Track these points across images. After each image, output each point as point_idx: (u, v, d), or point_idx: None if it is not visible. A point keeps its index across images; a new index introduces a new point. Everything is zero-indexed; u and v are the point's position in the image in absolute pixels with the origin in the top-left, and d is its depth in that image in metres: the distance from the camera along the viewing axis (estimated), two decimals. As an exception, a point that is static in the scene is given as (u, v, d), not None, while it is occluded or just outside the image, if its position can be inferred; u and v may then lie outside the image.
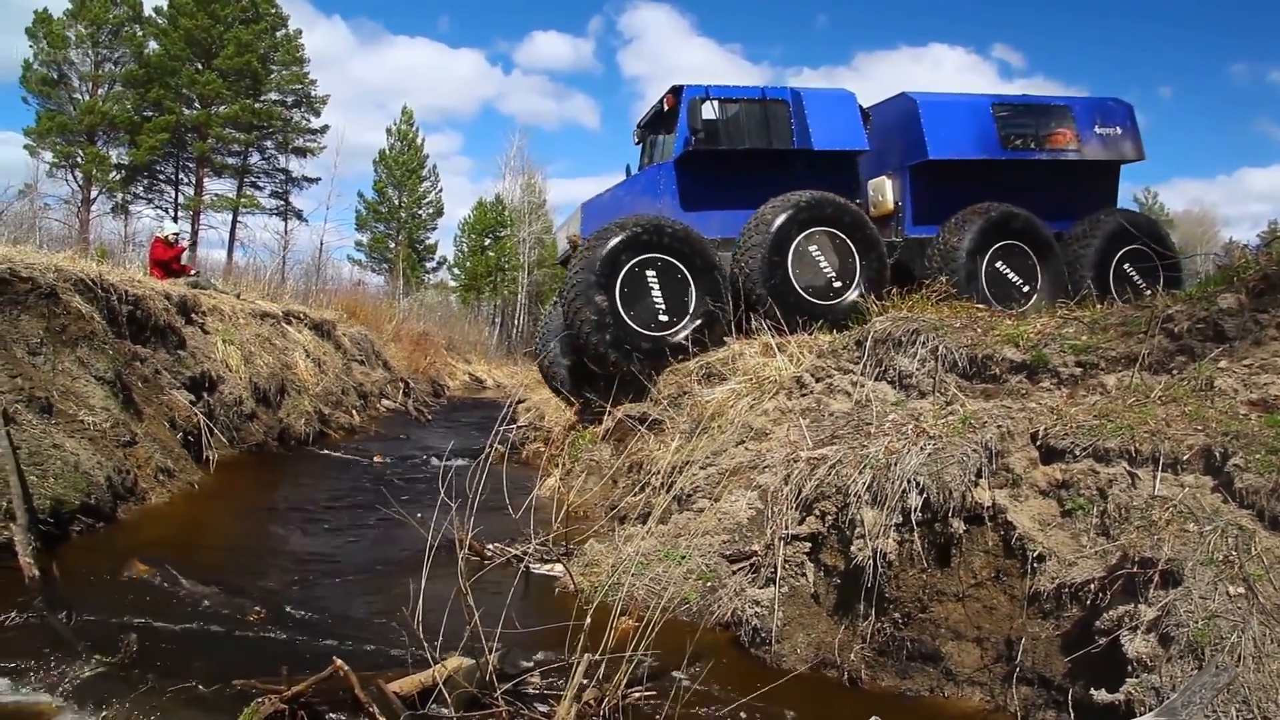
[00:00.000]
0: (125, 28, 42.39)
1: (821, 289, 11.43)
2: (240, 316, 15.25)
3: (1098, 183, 13.54)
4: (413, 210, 53.92)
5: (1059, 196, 13.07)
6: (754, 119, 12.27)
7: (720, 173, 12.31)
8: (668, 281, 11.01)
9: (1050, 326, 7.12)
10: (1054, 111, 13.11)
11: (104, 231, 39.07)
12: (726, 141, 12.22)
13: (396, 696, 4.40)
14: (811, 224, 11.48)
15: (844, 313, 10.95)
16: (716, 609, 6.02)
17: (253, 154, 47.39)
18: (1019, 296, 11.93)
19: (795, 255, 11.35)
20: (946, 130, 12.49)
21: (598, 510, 8.49)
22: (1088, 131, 13.05)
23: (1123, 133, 13.26)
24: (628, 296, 10.84)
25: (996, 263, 12.04)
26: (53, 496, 7.38)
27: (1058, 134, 12.93)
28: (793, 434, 6.99)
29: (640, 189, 12.52)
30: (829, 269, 11.54)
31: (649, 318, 10.89)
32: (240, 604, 6.28)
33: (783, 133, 12.26)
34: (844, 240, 11.61)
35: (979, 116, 12.75)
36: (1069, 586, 4.69)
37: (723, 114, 12.35)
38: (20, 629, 5.49)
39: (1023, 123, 12.88)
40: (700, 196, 12.39)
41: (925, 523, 5.30)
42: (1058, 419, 5.52)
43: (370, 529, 8.81)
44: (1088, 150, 13.02)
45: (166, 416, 10.96)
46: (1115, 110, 13.39)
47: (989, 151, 12.61)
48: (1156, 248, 12.12)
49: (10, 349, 8.38)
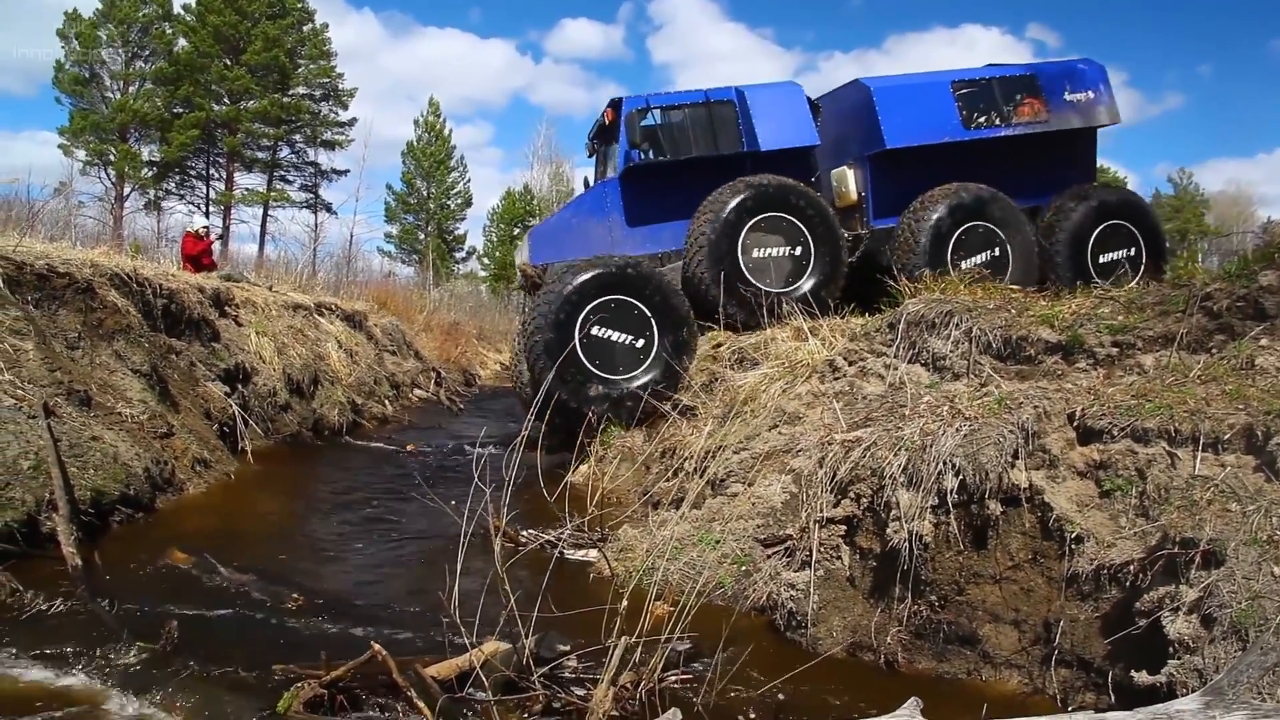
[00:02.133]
0: (154, 26, 42.70)
1: (775, 279, 11.12)
2: (273, 309, 15.35)
3: (1074, 152, 12.89)
4: (441, 201, 54.02)
5: (1033, 171, 12.52)
6: (699, 124, 11.88)
7: (667, 184, 11.90)
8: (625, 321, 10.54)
9: (1086, 307, 7.06)
10: (1019, 83, 12.46)
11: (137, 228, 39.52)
12: (671, 151, 11.82)
13: (434, 680, 4.43)
14: (764, 209, 11.14)
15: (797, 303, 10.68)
16: (751, 593, 6.01)
17: (282, 148, 47.68)
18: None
19: (745, 243, 11.06)
20: (904, 116, 11.96)
21: (630, 496, 8.49)
22: (1057, 99, 12.43)
23: (1095, 97, 12.62)
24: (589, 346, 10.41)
25: (960, 249, 11.47)
26: (93, 487, 7.47)
27: (1025, 106, 12.31)
28: (826, 417, 6.96)
29: (587, 209, 12.18)
30: (782, 258, 11.24)
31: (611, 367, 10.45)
32: (278, 591, 6.34)
33: (730, 135, 11.89)
34: (799, 228, 11.27)
35: (938, 97, 12.17)
36: (1108, 568, 4.66)
37: (666, 123, 11.95)
38: (64, 616, 5.56)
39: (986, 99, 12.25)
40: (647, 211, 12.00)
41: (961, 504, 5.27)
42: (1095, 399, 5.46)
43: (405, 516, 8.86)
44: (1058, 119, 12.38)
45: (202, 408, 11.06)
46: (1085, 74, 12.75)
47: (951, 133, 12.05)
48: (1136, 226, 11.89)
49: (49, 343, 8.48)
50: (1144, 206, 12.92)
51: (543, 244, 12.04)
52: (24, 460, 6.93)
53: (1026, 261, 11.55)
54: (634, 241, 11.87)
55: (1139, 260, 11.95)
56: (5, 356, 7.71)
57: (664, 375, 10.19)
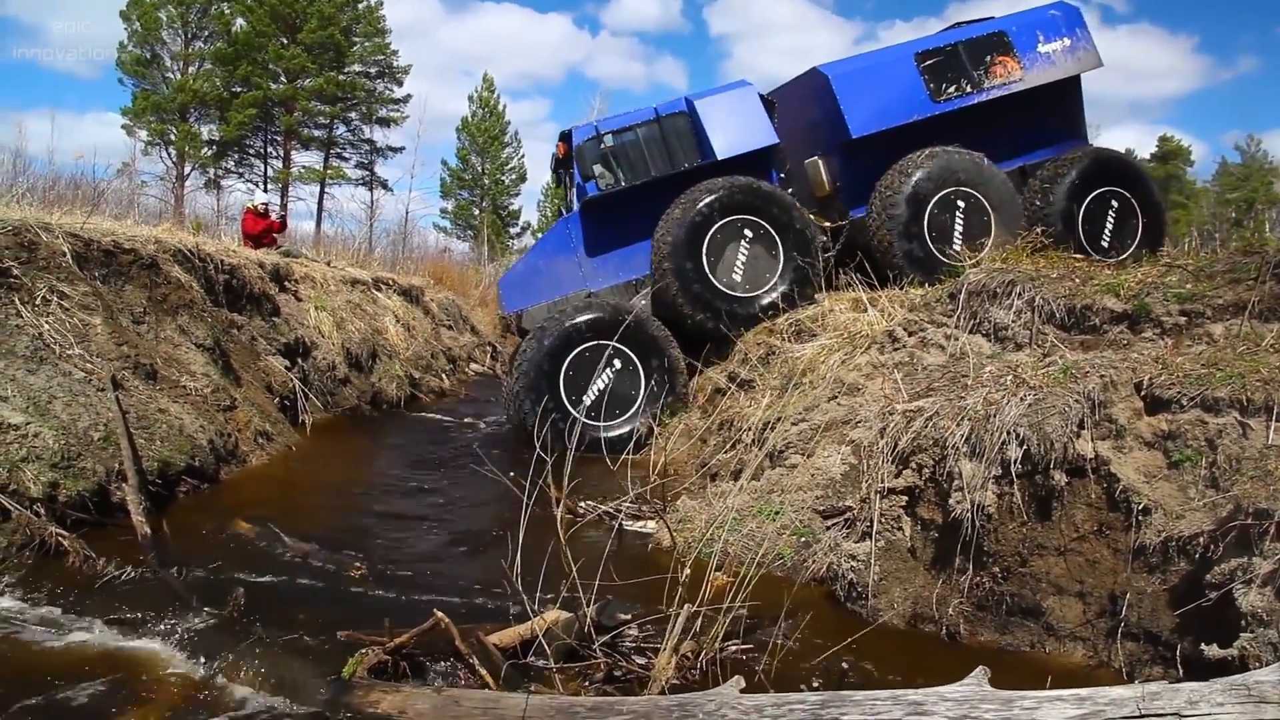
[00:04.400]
0: (213, 7, 43.17)
1: (739, 284, 10.77)
2: (331, 284, 15.52)
3: (1058, 103, 12.17)
4: (496, 177, 54.14)
5: (1016, 130, 11.91)
6: (654, 143, 11.49)
7: (630, 208, 11.47)
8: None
9: (1152, 275, 6.92)
10: (987, 43, 11.71)
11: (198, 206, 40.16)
12: (629, 175, 11.43)
13: (496, 648, 4.48)
14: (733, 212, 10.75)
15: (762, 311, 10.48)
16: (811, 564, 6.00)
17: (338, 126, 47.97)
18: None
19: (711, 245, 10.69)
20: (867, 101, 11.35)
21: (688, 468, 8.49)
22: (1031, 53, 11.73)
23: (1072, 43, 11.89)
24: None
25: (941, 215, 10.91)
26: (160, 459, 7.62)
27: (996, 66, 11.61)
28: (887, 387, 6.91)
29: (553, 248, 11.88)
30: (745, 264, 10.83)
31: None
32: (340, 560, 6.44)
33: (687, 148, 11.50)
34: (769, 233, 10.84)
35: (902, 73, 11.53)
36: (1176, 540, 4.57)
37: (620, 146, 11.48)
38: (135, 583, 5.70)
39: (954, 66, 11.56)
40: (614, 239, 11.66)
41: (1025, 475, 5.21)
42: (1163, 369, 5.36)
43: (463, 487, 8.94)
44: (1034, 75, 11.70)
45: (263, 382, 11.23)
46: (1058, 20, 11.99)
47: (920, 110, 11.44)
48: (1131, 191, 11.41)
49: (116, 318, 8.64)
50: (1138, 170, 12.31)
51: (513, 291, 11.84)
52: (94, 431, 7.09)
53: (1012, 229, 10.94)
54: (605, 273, 11.64)
55: (1134, 227, 11.44)
56: (75, 331, 7.86)
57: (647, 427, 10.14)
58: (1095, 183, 11.31)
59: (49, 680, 4.39)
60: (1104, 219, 11.31)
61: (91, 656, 4.76)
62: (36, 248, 8.17)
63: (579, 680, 4.44)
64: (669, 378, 10.40)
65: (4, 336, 7.25)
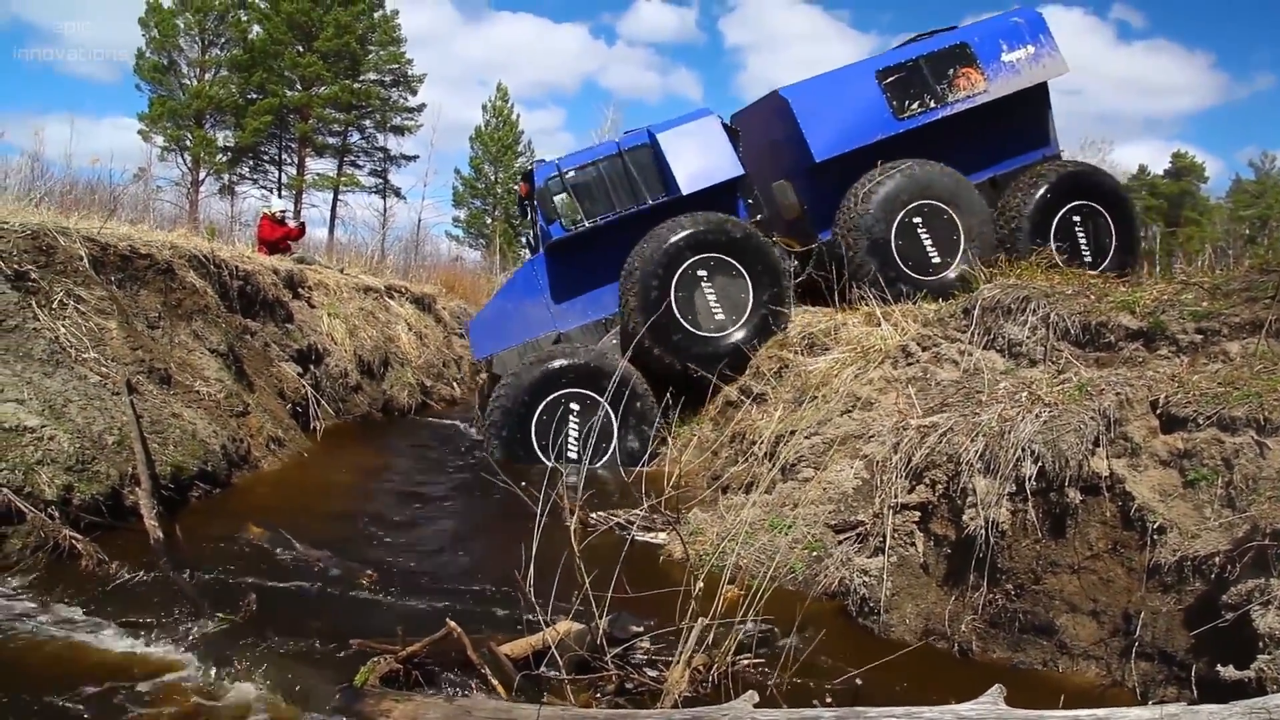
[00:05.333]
0: (230, 14, 43.43)
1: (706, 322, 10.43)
2: (344, 291, 15.59)
3: (1026, 111, 11.83)
4: (508, 186, 54.16)
5: (984, 141, 11.59)
6: (618, 178, 11.23)
7: (595, 248, 11.27)
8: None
9: (1168, 293, 6.89)
10: (949, 55, 11.37)
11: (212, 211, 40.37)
12: (594, 210, 11.18)
13: (508, 658, 4.48)
14: (704, 249, 10.43)
15: (726, 353, 10.23)
16: (823, 578, 5.99)
17: (352, 133, 48.13)
18: (929, 269, 10.66)
19: (680, 284, 10.33)
20: (828, 123, 11.07)
21: (699, 480, 8.48)
22: (994, 64, 11.37)
23: (1037, 50, 11.52)
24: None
25: (909, 229, 10.63)
26: (173, 463, 7.66)
27: (960, 79, 11.28)
28: (901, 402, 6.89)
29: (520, 291, 11.67)
30: (716, 304, 10.49)
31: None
32: (351, 566, 6.46)
33: (652, 182, 11.22)
34: (739, 271, 10.50)
35: (864, 92, 11.21)
36: (1192, 559, 4.55)
37: (583, 183, 11.25)
38: (147, 587, 5.73)
39: (916, 81, 11.25)
40: (581, 279, 11.48)
41: (1040, 492, 5.19)
42: (1179, 387, 5.34)
43: (475, 496, 8.95)
44: (999, 85, 11.35)
45: (276, 388, 11.28)
46: (1021, 28, 11.65)
47: (883, 129, 11.13)
48: (1104, 206, 11.13)
49: (132, 322, 8.69)
50: (1111, 184, 11.94)
51: (483, 336, 11.77)
52: (108, 435, 7.12)
53: (983, 243, 10.71)
54: (574, 313, 11.51)
55: (1108, 243, 11.16)
56: (91, 335, 7.91)
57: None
58: (1067, 197, 11.10)
59: (62, 682, 4.40)
60: (1076, 233, 11.09)
61: (104, 659, 4.77)
62: (54, 251, 8.22)
63: (590, 692, 4.43)
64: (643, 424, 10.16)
65: (21, 339, 7.29)
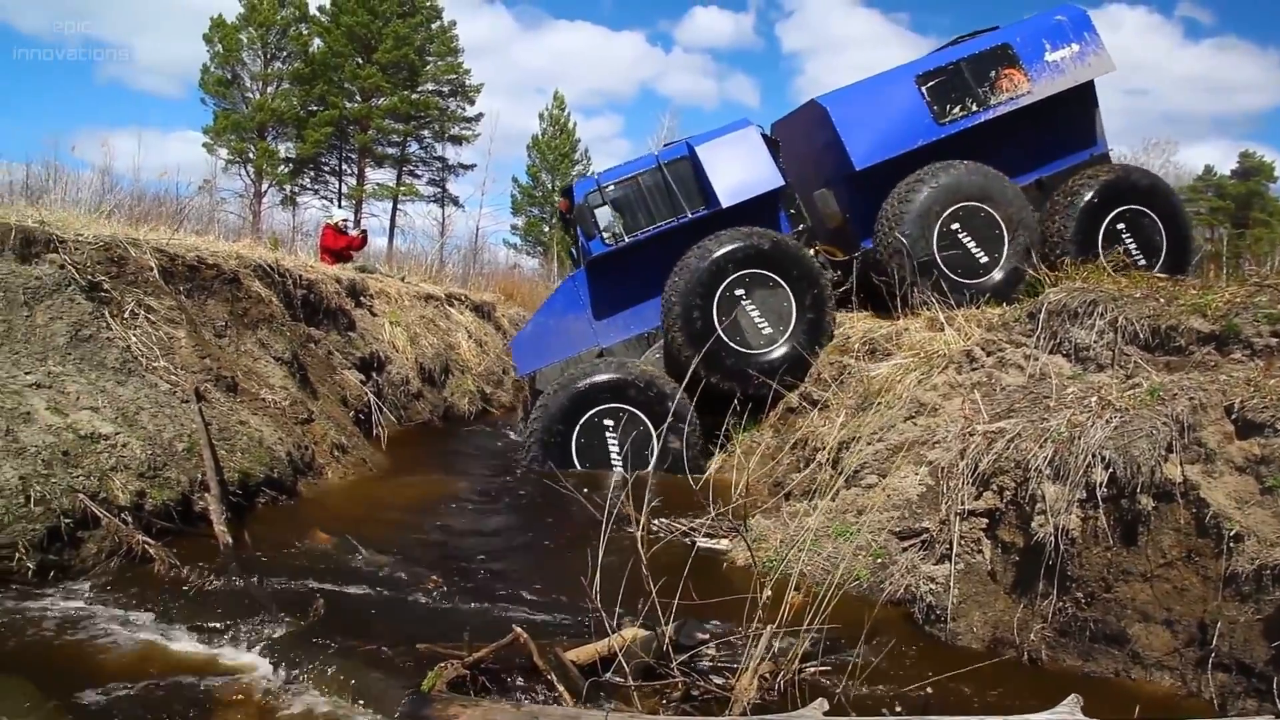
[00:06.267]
0: (292, 27, 44.27)
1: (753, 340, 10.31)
2: (405, 299, 15.76)
3: (1071, 111, 11.57)
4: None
5: (1029, 143, 11.39)
6: (658, 191, 11.12)
7: (636, 263, 11.21)
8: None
9: (1240, 295, 6.74)
10: (991, 57, 11.16)
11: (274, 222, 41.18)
12: (634, 226, 11.08)
13: (574, 664, 4.48)
14: (737, 268, 10.28)
15: (782, 363, 10.11)
16: (888, 586, 5.93)
17: (411, 143, 48.83)
18: (979, 270, 10.43)
19: (722, 302, 10.22)
20: (868, 131, 10.95)
21: (760, 488, 8.45)
22: (1038, 64, 11.13)
23: (1081, 49, 11.24)
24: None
25: (949, 236, 10.43)
26: (240, 470, 7.79)
27: (1003, 80, 11.08)
28: (966, 408, 6.81)
29: (561, 307, 11.61)
30: (761, 318, 10.35)
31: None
32: (417, 573, 6.51)
33: (691, 195, 11.11)
34: (776, 281, 10.35)
35: (904, 98, 11.06)
36: (1271, 568, 4.44)
37: (623, 198, 11.12)
38: (217, 591, 5.83)
39: (958, 85, 11.06)
40: (624, 294, 11.43)
41: (1111, 499, 5.10)
42: (1255, 391, 5.20)
43: (538, 503, 8.97)
44: (1043, 85, 11.11)
45: (339, 395, 11.42)
46: (1064, 26, 11.36)
47: (924, 135, 10.97)
48: (1155, 212, 10.73)
49: (200, 331, 8.85)
50: (1164, 189, 11.47)
51: (526, 353, 11.72)
52: (178, 442, 7.26)
53: (1027, 230, 10.56)
54: (616, 328, 11.49)
55: (1159, 250, 10.78)
56: (160, 344, 8.07)
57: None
58: (1115, 202, 10.77)
59: (135, 681, 4.51)
60: (1125, 238, 10.74)
61: (175, 660, 4.89)
62: (125, 262, 8.40)
63: (657, 699, 4.43)
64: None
65: (96, 349, 7.46)
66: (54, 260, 7.74)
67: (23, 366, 6.88)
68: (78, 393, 6.95)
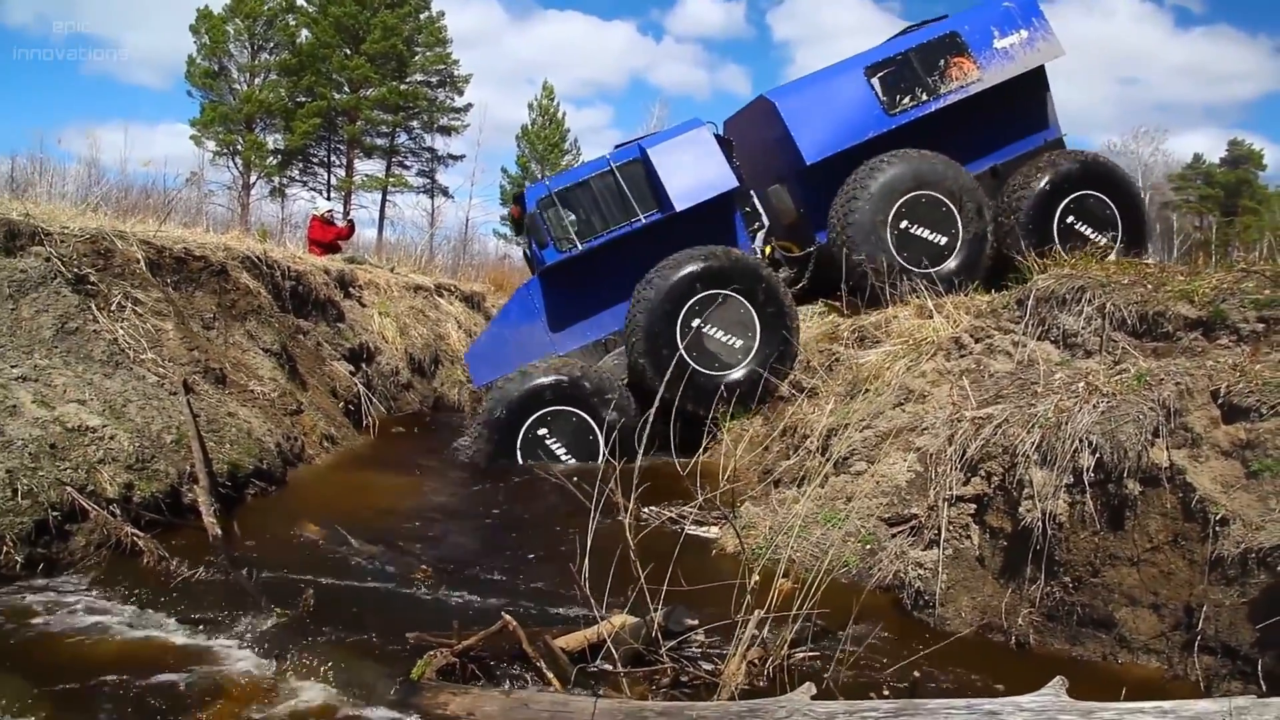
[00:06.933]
0: (279, 18, 44.11)
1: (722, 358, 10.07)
2: (395, 290, 15.75)
3: (1023, 97, 11.58)
4: (553, 184, 54.34)
5: (982, 130, 11.40)
6: (611, 195, 10.87)
7: (591, 268, 11.01)
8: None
9: (1228, 281, 6.76)
10: (940, 46, 11.16)
11: (263, 214, 41.11)
12: (588, 232, 10.86)
13: (563, 652, 4.50)
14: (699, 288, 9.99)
15: (730, 388, 9.82)
16: (877, 572, 5.95)
17: (400, 134, 48.71)
18: (937, 257, 10.51)
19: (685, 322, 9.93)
20: (818, 124, 10.91)
21: (749, 475, 8.45)
22: (987, 51, 11.12)
23: (1030, 34, 11.24)
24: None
25: (901, 227, 10.47)
26: (229, 461, 7.78)
27: (952, 69, 11.06)
28: (954, 394, 6.83)
29: (516, 317, 11.37)
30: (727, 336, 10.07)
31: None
32: (407, 562, 6.52)
33: (645, 199, 10.84)
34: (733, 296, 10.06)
35: (853, 90, 11.02)
36: (1257, 551, 4.46)
37: (575, 203, 10.91)
38: (207, 583, 5.83)
39: (907, 75, 11.05)
40: (578, 302, 11.21)
41: (1098, 483, 5.13)
42: (1241, 376, 5.23)
43: (527, 491, 8.97)
44: (993, 72, 11.10)
45: (329, 386, 11.41)
46: (1013, 12, 11.33)
47: (875, 126, 10.97)
48: (1109, 196, 10.83)
49: (187, 323, 8.83)
50: (1117, 173, 11.53)
51: (482, 364, 11.54)
52: (167, 434, 7.25)
53: (979, 235, 10.65)
54: (572, 336, 11.30)
55: (1115, 230, 10.88)
56: (148, 336, 8.05)
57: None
58: (1069, 187, 10.83)
59: (126, 674, 4.49)
60: (1078, 223, 10.84)
61: (167, 652, 4.86)
62: (112, 255, 8.37)
63: (646, 685, 4.45)
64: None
65: (82, 341, 7.44)
66: (39, 253, 7.71)
67: (9, 360, 6.86)
68: (65, 385, 6.93)
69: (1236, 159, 54.15)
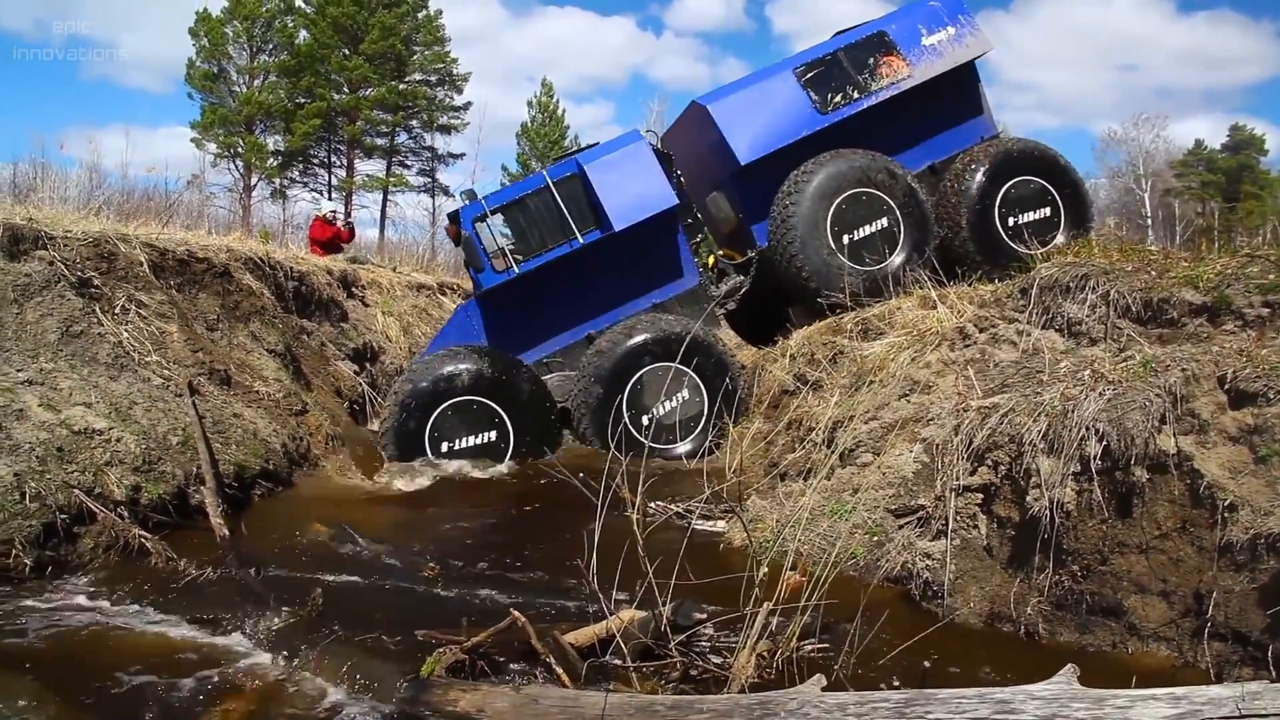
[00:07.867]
0: (277, 20, 44.14)
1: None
2: (398, 289, 15.75)
3: (953, 93, 11.71)
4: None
5: (917, 128, 11.58)
6: (548, 213, 10.68)
7: (531, 288, 10.80)
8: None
9: (1232, 266, 6.75)
10: (869, 45, 11.32)
11: (265, 215, 41.19)
12: (525, 251, 10.71)
13: (572, 647, 4.50)
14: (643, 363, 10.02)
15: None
16: (885, 563, 5.94)
17: (400, 134, 48.72)
18: (878, 255, 10.61)
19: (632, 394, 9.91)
20: (751, 126, 10.96)
21: (755, 468, 8.45)
22: (915, 48, 11.31)
23: (957, 31, 11.44)
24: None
25: (839, 228, 10.55)
26: (235, 462, 7.78)
27: (882, 67, 11.21)
28: (959, 384, 6.82)
29: (454, 337, 10.93)
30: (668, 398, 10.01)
31: None
32: (415, 561, 6.53)
33: (584, 215, 10.69)
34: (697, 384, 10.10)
35: (784, 91, 11.09)
36: (1266, 537, 4.45)
37: (511, 220, 10.83)
38: (216, 584, 5.84)
39: (837, 75, 11.14)
40: (515, 323, 10.95)
41: (1105, 471, 5.12)
42: (1247, 361, 5.22)
43: (534, 488, 8.97)
44: (922, 69, 11.27)
45: (333, 386, 11.41)
46: (938, 11, 11.55)
47: (808, 125, 11.00)
48: (1047, 180, 11.07)
49: (191, 325, 8.83)
50: (1052, 156, 11.58)
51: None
52: (173, 436, 7.25)
53: (922, 229, 10.80)
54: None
55: (1056, 218, 11.07)
56: (152, 338, 8.05)
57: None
58: (1004, 176, 11.02)
59: (135, 674, 4.51)
60: (1018, 210, 11.03)
61: (178, 652, 4.88)
62: (115, 258, 8.38)
63: (656, 679, 4.45)
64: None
65: (87, 345, 7.45)
66: (43, 257, 7.72)
67: (14, 364, 6.87)
68: (70, 389, 6.94)
69: (1238, 144, 54.02)
